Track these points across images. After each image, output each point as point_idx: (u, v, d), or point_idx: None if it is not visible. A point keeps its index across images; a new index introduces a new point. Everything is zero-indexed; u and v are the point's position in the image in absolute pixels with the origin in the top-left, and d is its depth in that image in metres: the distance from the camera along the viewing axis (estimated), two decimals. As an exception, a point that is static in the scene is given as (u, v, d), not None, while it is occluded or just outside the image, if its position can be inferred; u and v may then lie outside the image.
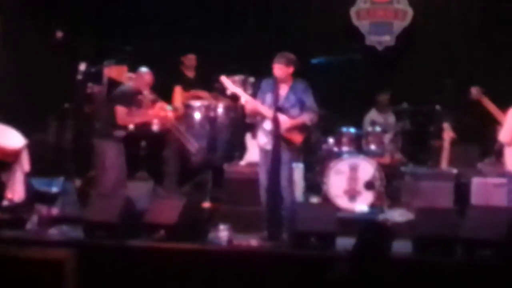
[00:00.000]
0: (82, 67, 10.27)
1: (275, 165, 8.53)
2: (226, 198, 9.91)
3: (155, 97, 9.86)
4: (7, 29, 11.18)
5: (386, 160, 10.57)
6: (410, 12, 12.20)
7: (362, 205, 9.93)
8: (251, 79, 10.32)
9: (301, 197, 9.81)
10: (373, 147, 10.66)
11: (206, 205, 9.78)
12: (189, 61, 11.25)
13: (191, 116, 10.72)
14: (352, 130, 10.69)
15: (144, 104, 9.69)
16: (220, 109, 10.72)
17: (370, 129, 10.89)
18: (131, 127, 9.52)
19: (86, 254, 6.41)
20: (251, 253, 8.16)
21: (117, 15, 12.43)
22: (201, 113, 10.73)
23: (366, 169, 10.07)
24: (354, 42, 12.18)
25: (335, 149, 10.57)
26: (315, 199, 10.10)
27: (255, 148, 9.19)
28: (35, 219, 8.84)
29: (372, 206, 9.91)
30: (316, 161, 10.76)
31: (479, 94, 9.86)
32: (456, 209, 8.77)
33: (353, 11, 12.37)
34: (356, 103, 11.57)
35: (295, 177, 9.16)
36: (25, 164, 9.40)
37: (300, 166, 10.03)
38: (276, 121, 8.52)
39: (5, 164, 9.39)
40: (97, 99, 10.67)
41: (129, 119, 9.43)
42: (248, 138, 10.26)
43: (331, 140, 10.65)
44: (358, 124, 11.12)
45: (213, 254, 8.08)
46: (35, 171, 9.67)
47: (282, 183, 8.54)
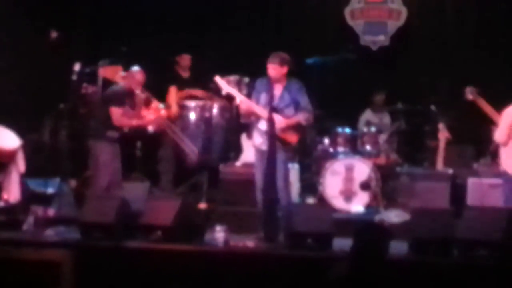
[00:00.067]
0: (77, 67, 10.22)
1: (270, 165, 8.51)
2: (222, 199, 9.91)
3: (148, 96, 9.81)
4: (1, 29, 11.14)
5: (382, 160, 10.57)
6: (404, 11, 12.19)
7: (358, 206, 9.93)
8: (246, 79, 10.30)
9: (297, 197, 9.83)
10: (368, 147, 10.66)
11: (202, 206, 9.79)
12: (184, 61, 11.23)
13: (186, 117, 10.70)
14: (347, 130, 10.70)
15: (137, 103, 9.64)
16: (215, 109, 10.68)
17: (365, 129, 10.89)
18: (126, 128, 9.50)
19: (82, 255, 6.41)
20: (247, 254, 8.16)
21: (111, 15, 12.41)
22: (196, 113, 10.71)
23: (362, 169, 10.08)
24: (348, 42, 12.15)
25: (331, 149, 10.58)
26: (310, 200, 10.10)
27: (251, 148, 9.20)
28: (31, 220, 8.83)
29: (368, 207, 9.93)
30: (311, 161, 10.75)
31: (474, 94, 9.85)
32: (452, 210, 8.77)
33: (347, 11, 12.36)
34: (351, 103, 11.57)
35: (291, 178, 9.16)
36: (20, 164, 9.38)
37: (296, 166, 10.06)
38: (271, 121, 8.50)
39: (0, 165, 9.36)
40: (92, 99, 10.63)
41: (125, 120, 9.36)
42: (244, 138, 10.25)
43: (326, 141, 10.66)
44: (353, 124, 11.14)
45: (209, 255, 8.08)
46: (31, 171, 9.65)
47: (278, 183, 8.52)
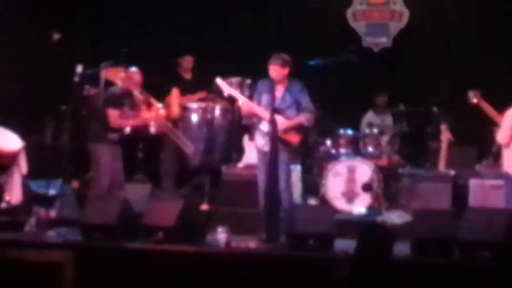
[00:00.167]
0: (79, 69, 10.24)
1: (272, 166, 8.52)
2: (224, 200, 9.89)
3: (146, 96, 9.74)
4: (3, 31, 11.15)
5: (384, 162, 10.57)
6: (406, 13, 12.18)
7: (360, 207, 9.93)
8: (248, 81, 10.28)
9: (299, 199, 9.81)
10: (370, 149, 10.65)
11: (204, 207, 9.80)
12: (186, 62, 11.23)
13: (188, 118, 10.69)
14: (350, 132, 10.69)
15: (136, 104, 9.59)
16: (217, 111, 10.66)
17: (367, 131, 10.88)
18: (127, 130, 9.49)
19: (84, 256, 6.42)
20: (249, 255, 8.15)
21: (113, 17, 12.41)
22: (198, 115, 10.70)
23: (364, 171, 10.07)
24: (350, 43, 12.12)
25: (333, 151, 10.57)
26: (312, 201, 10.09)
27: (253, 150, 9.19)
28: (33, 221, 8.83)
29: (370, 208, 9.92)
30: (313, 162, 10.74)
31: (477, 98, 9.87)
32: (453, 211, 8.76)
33: (349, 13, 12.35)
34: (353, 104, 11.56)
35: (293, 179, 9.17)
36: (22, 166, 9.38)
37: (298, 168, 10.04)
38: (273, 123, 8.50)
39: (2, 167, 9.36)
40: (93, 101, 10.63)
41: (122, 121, 9.33)
42: (246, 140, 10.26)
43: (328, 142, 10.65)
44: (355, 126, 11.12)
45: (211, 256, 8.07)
46: (33, 173, 9.65)
47: (280, 184, 8.52)
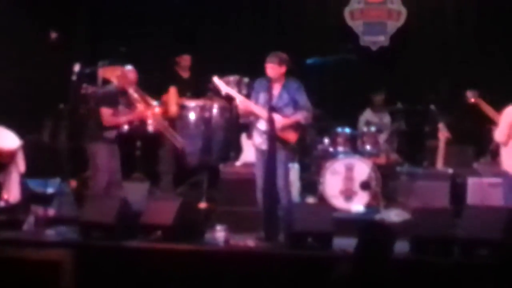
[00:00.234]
0: (77, 68, 10.23)
1: (271, 165, 8.51)
2: (222, 199, 9.89)
3: (142, 94, 9.70)
4: (1, 30, 11.14)
5: (382, 160, 10.57)
6: (404, 12, 12.17)
7: (358, 205, 9.93)
8: (246, 80, 10.27)
9: (297, 197, 9.81)
10: (368, 147, 10.63)
11: (202, 205, 9.81)
12: (184, 61, 11.22)
13: (186, 117, 10.67)
14: (347, 130, 10.67)
15: (132, 102, 9.56)
16: (215, 109, 10.64)
17: (365, 129, 10.87)
18: (125, 127, 9.48)
19: (82, 255, 6.43)
20: (248, 253, 8.14)
21: (111, 16, 12.41)
22: (196, 113, 10.68)
23: (362, 169, 10.07)
24: (348, 42, 12.13)
25: (331, 149, 10.56)
26: (311, 199, 10.09)
27: (251, 148, 9.20)
28: (31, 220, 8.83)
29: (368, 206, 9.93)
30: (311, 161, 10.74)
31: (475, 97, 9.88)
32: (452, 209, 8.78)
33: (347, 11, 12.35)
34: (351, 103, 11.57)
35: (291, 177, 9.15)
36: (20, 165, 9.38)
37: (296, 166, 10.04)
38: (271, 121, 8.50)
39: (0, 165, 9.37)
40: (91, 100, 10.63)
41: (115, 119, 9.31)
42: (244, 138, 10.26)
43: (326, 140, 10.64)
44: (353, 124, 11.12)
45: (210, 254, 8.06)
46: (31, 172, 9.65)
47: (279, 183, 8.52)
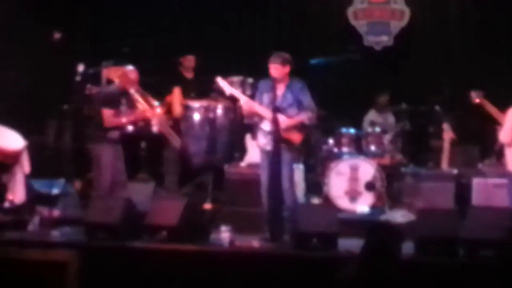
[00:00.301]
0: (81, 68, 10.24)
1: (275, 166, 8.51)
2: (227, 199, 9.90)
3: (143, 94, 9.58)
4: (5, 30, 11.15)
5: (386, 160, 10.56)
6: (407, 12, 12.18)
7: (363, 206, 9.93)
8: (250, 80, 10.26)
9: (302, 198, 9.79)
10: (373, 148, 10.64)
11: (207, 206, 9.81)
12: (188, 62, 11.22)
13: (190, 117, 10.66)
14: (352, 131, 10.68)
15: (133, 103, 9.46)
16: (220, 110, 10.61)
17: (369, 129, 10.87)
18: (130, 128, 9.45)
19: (87, 255, 6.39)
20: (252, 254, 8.16)
21: (114, 16, 12.41)
22: (200, 114, 10.65)
23: (367, 170, 10.07)
24: (352, 42, 12.14)
25: (335, 150, 10.56)
26: (315, 200, 10.09)
27: (255, 149, 9.18)
28: (36, 220, 8.84)
29: (373, 207, 9.93)
30: (316, 162, 10.73)
31: (479, 98, 9.87)
32: (456, 210, 8.77)
33: (350, 11, 12.36)
34: (355, 103, 11.57)
35: (296, 178, 9.14)
36: (25, 165, 9.37)
37: (301, 167, 10.03)
38: (275, 122, 8.49)
39: (5, 166, 9.36)
40: (95, 100, 10.61)
41: (116, 120, 9.22)
42: (248, 139, 10.25)
43: (331, 141, 10.64)
44: (357, 125, 11.12)
45: (214, 255, 8.06)
46: (35, 172, 9.64)
47: (284, 184, 8.51)
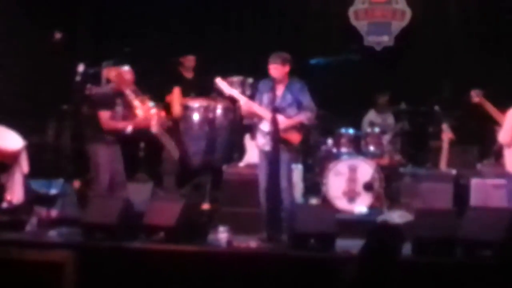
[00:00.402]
0: (81, 68, 10.21)
1: (274, 166, 8.50)
2: (225, 200, 9.88)
3: (138, 94, 9.47)
4: (5, 31, 11.15)
5: (385, 161, 10.55)
6: (408, 12, 12.17)
7: (361, 207, 9.92)
8: (250, 80, 10.27)
9: (300, 198, 9.81)
10: (372, 148, 10.63)
11: (206, 206, 9.80)
12: (188, 62, 11.22)
13: (189, 118, 10.67)
14: (351, 131, 10.67)
15: (129, 103, 9.36)
16: (219, 110, 10.62)
17: (369, 130, 10.86)
18: (129, 129, 9.41)
19: (85, 256, 6.39)
20: (250, 254, 8.15)
21: (115, 16, 12.42)
22: (199, 114, 10.67)
23: (365, 170, 10.07)
24: (352, 42, 12.14)
25: (334, 150, 10.55)
26: (314, 201, 10.08)
27: (254, 149, 9.17)
28: (34, 221, 8.83)
29: (371, 208, 9.92)
30: (315, 162, 10.73)
31: (479, 97, 9.86)
32: (455, 210, 8.74)
33: (351, 11, 12.35)
34: (355, 104, 11.56)
35: (294, 178, 9.14)
36: (24, 165, 9.36)
37: (299, 167, 10.03)
38: (274, 123, 8.49)
39: (4, 166, 9.37)
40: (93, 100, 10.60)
41: (113, 124, 9.13)
42: (247, 139, 10.26)
43: (330, 141, 10.63)
44: (356, 125, 11.11)
45: (212, 255, 8.06)
46: (34, 173, 9.64)
47: (282, 184, 8.51)
